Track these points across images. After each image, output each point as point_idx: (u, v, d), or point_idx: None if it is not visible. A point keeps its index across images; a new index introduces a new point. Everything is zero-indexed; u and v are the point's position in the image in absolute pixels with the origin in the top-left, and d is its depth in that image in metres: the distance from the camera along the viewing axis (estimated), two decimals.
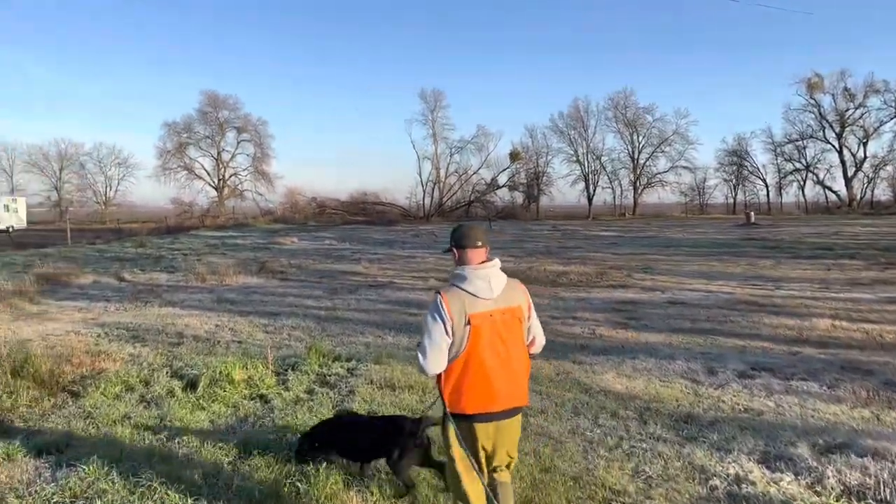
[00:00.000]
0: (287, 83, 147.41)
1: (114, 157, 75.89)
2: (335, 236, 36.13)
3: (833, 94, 69.11)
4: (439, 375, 3.16)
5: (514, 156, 74.64)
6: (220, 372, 6.81)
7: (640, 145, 75.66)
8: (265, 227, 50.07)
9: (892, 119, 66.71)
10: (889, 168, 69.14)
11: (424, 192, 74.15)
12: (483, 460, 3.28)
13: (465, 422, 3.16)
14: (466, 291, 3.14)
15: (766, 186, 75.06)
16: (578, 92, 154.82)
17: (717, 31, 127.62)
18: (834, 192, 71.12)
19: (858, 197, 69.22)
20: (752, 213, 48.21)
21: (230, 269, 16.42)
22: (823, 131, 70.32)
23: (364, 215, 66.59)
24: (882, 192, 70.83)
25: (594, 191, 76.63)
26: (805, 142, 71.53)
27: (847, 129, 68.79)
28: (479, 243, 3.28)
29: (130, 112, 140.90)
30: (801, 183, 72.87)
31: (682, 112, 73.98)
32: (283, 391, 6.38)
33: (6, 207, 49.11)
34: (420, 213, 71.28)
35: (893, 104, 65.55)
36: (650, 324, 9.93)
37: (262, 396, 6.28)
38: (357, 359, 7.56)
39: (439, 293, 3.17)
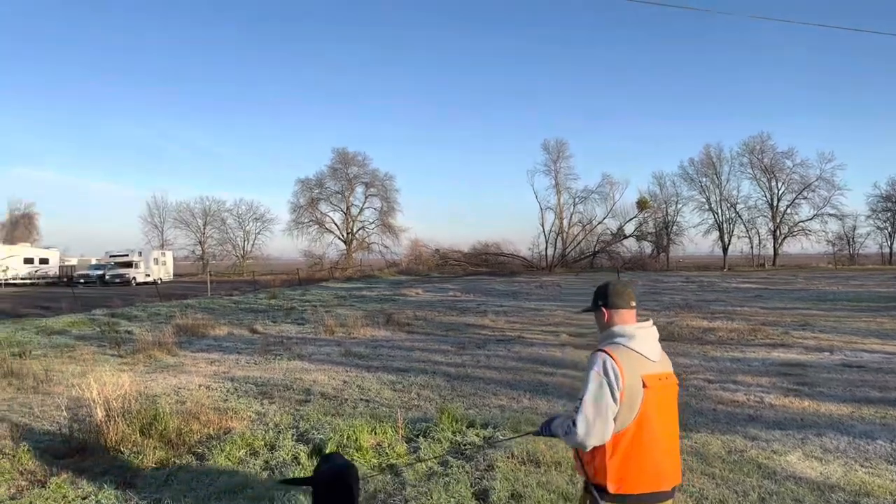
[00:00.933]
0: (412, 136, 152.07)
1: (252, 213, 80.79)
2: (458, 287, 35.86)
3: None
4: (593, 451, 2.69)
5: (641, 204, 72.36)
6: (348, 437, 6.31)
7: (780, 192, 71.37)
8: (390, 279, 50.87)
9: None
10: None
11: (547, 242, 73.34)
12: None
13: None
14: (636, 351, 2.75)
15: None
16: (710, 139, 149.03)
17: (862, 66, 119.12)
18: None
19: None
20: None
21: (358, 321, 16.25)
22: None
23: (486, 266, 66.48)
24: None
25: (729, 240, 72.68)
26: None
27: None
28: (634, 303, 2.92)
29: (268, 170, 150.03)
30: None
31: (827, 156, 68.79)
32: (414, 461, 5.74)
33: (156, 261, 52.98)
34: (542, 264, 70.25)
35: None
36: (827, 391, 8.54)
37: (391, 467, 5.67)
38: (493, 425, 6.83)
39: (604, 351, 2.72)
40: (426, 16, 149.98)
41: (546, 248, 73.34)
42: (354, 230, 76.10)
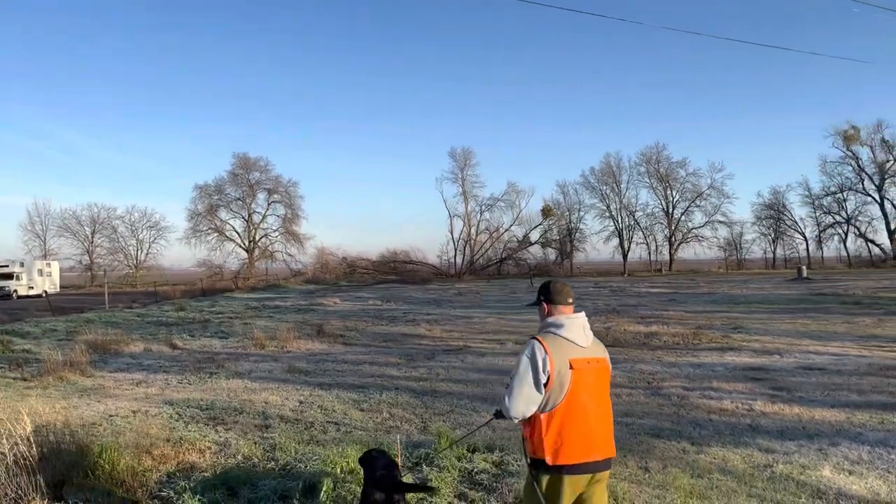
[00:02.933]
0: (315, 143, 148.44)
1: (145, 220, 76.14)
2: (377, 296, 34.90)
3: (871, 146, 67.81)
4: (531, 429, 3.06)
5: (545, 212, 73.89)
6: (342, 468, 5.46)
7: (675, 200, 74.69)
8: (299, 288, 49.16)
9: None
10: None
11: (456, 249, 73.36)
12: None
13: (559, 474, 2.99)
14: (565, 338, 3.12)
15: (806, 240, 73.13)
16: (610, 147, 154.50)
17: (748, 82, 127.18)
18: (877, 245, 69.00)
19: None
20: (804, 267, 46.15)
21: (289, 333, 15.12)
22: (863, 183, 68.85)
23: (395, 274, 65.76)
24: None
25: (629, 247, 75.31)
26: (844, 194, 69.99)
27: (888, 180, 67.14)
28: (571, 300, 3.31)
29: (163, 176, 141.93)
30: (843, 236, 70.93)
31: (717, 166, 72.93)
32: (425, 497, 4.97)
33: (40, 272, 48.70)
34: (451, 271, 70.21)
35: None
36: (807, 396, 8.42)
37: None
38: (499, 448, 6.16)
39: (536, 338, 3.11)
40: (330, 20, 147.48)
41: (455, 256, 73.50)
42: (257, 238, 73.14)
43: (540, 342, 3.06)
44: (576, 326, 3.17)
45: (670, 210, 74.50)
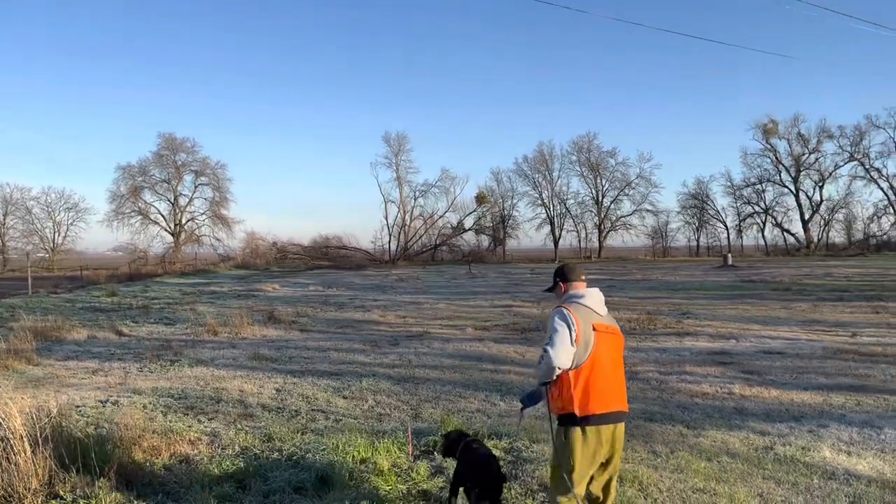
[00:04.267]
0: (246, 125, 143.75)
1: (63, 202, 72.21)
2: (317, 282, 34.28)
3: (788, 139, 71.13)
4: (559, 388, 3.40)
5: (479, 199, 74.23)
6: (353, 458, 5.29)
7: (604, 189, 76.28)
8: (230, 274, 47.79)
9: (846, 163, 68.87)
10: (844, 211, 71.05)
11: (391, 235, 72.79)
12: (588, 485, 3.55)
13: (587, 424, 3.36)
14: (586, 306, 3.54)
15: (727, 229, 76.19)
16: (544, 136, 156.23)
17: (680, 74, 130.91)
18: (792, 234, 72.60)
19: (816, 239, 70.64)
20: (730, 255, 48.12)
21: (242, 319, 14.61)
22: (780, 175, 72.05)
23: (328, 260, 64.70)
24: (836, 235, 72.63)
25: (560, 234, 76.61)
26: (763, 185, 73.08)
27: (803, 173, 70.61)
28: (583, 277, 3.78)
29: (83, 155, 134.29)
30: (761, 226, 74.20)
31: (646, 156, 74.78)
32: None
33: None
34: (386, 257, 69.71)
35: (848, 149, 67.70)
36: (778, 379, 8.73)
37: (424, 494, 4.77)
38: (506, 435, 6.10)
39: (562, 306, 3.50)
40: (265, 2, 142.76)
41: (390, 242, 72.93)
42: (183, 222, 70.44)
43: (566, 308, 3.46)
44: (594, 297, 3.63)
45: (600, 198, 76.10)
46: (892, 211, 67.81)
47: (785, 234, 72.95)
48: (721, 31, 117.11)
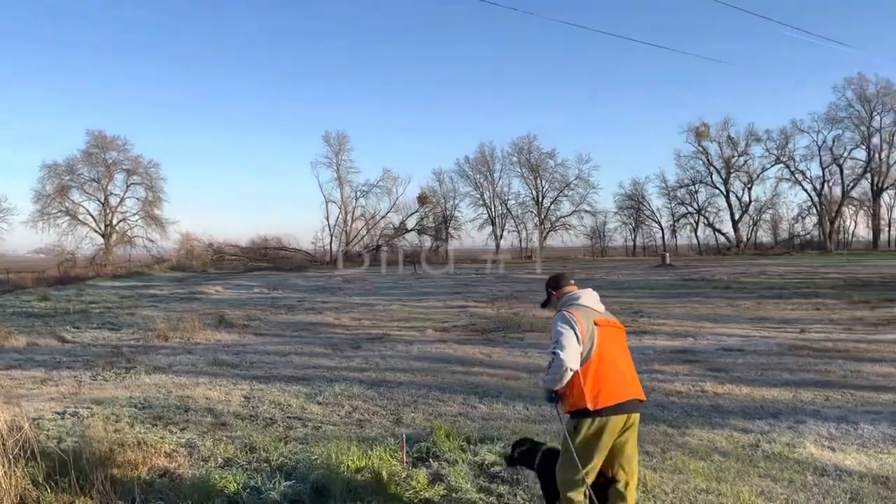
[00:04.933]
0: (180, 123, 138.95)
1: None
2: (260, 284, 33.49)
3: (719, 142, 73.69)
4: (570, 387, 3.45)
5: (422, 199, 74.22)
6: (348, 467, 5.10)
7: (544, 189, 77.23)
8: (165, 276, 46.13)
9: (773, 166, 71.90)
10: (771, 212, 74.19)
11: (332, 236, 71.96)
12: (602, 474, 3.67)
13: (600, 416, 3.42)
14: (584, 305, 3.68)
15: (662, 229, 78.38)
16: (484, 137, 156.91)
17: (618, 75, 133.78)
18: (723, 234, 75.28)
19: (745, 238, 73.49)
20: (668, 254, 49.46)
21: (193, 324, 14.06)
22: (711, 176, 74.60)
23: (267, 261, 63.47)
24: (764, 234, 75.74)
25: (501, 234, 77.27)
26: (696, 186, 75.54)
27: (732, 174, 73.31)
28: (572, 281, 3.97)
29: (3, 153, 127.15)
30: (694, 225, 76.69)
31: (584, 157, 76.27)
32: (449, 493, 4.73)
33: None
34: (327, 258, 68.82)
35: (775, 152, 70.68)
36: (745, 376, 8.91)
37: (427, 502, 4.62)
38: (499, 439, 5.98)
39: (563, 311, 3.62)
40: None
41: (331, 242, 72.07)
42: (114, 222, 67.71)
43: (567, 312, 3.57)
44: (590, 296, 3.78)
45: (540, 199, 77.05)
46: (815, 212, 71.27)
47: (716, 233, 75.66)
48: (657, 34, 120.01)
